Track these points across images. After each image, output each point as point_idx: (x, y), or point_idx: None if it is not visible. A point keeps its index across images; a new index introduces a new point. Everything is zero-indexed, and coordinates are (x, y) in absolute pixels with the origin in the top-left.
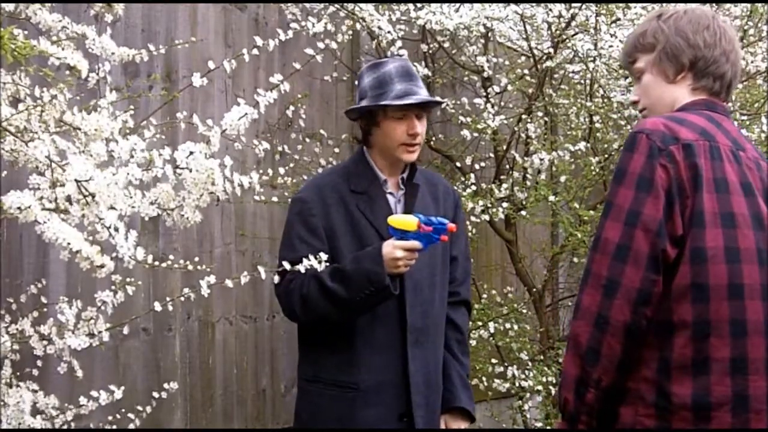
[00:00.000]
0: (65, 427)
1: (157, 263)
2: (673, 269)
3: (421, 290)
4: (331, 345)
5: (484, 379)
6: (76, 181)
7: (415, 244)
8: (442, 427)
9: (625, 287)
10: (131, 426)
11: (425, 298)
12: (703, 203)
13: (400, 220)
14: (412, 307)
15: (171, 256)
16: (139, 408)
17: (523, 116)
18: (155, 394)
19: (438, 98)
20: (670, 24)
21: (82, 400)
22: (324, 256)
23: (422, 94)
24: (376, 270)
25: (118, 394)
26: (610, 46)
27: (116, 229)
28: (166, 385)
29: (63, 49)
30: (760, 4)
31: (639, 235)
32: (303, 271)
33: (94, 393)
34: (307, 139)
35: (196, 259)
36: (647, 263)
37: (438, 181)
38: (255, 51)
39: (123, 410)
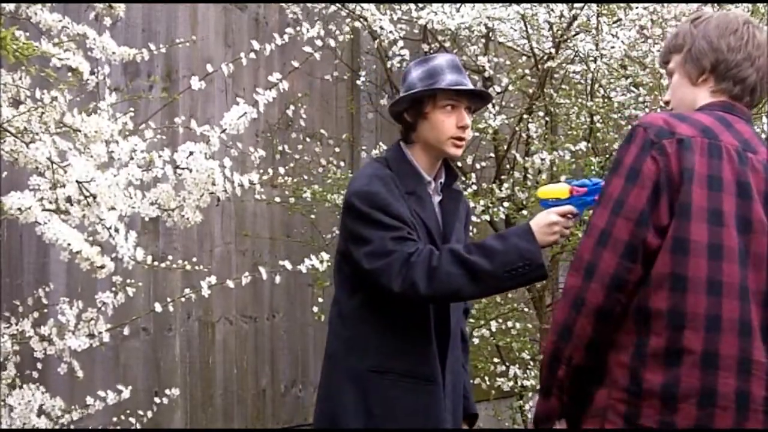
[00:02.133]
0: (67, 428)
1: (156, 264)
2: (654, 257)
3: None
4: (404, 335)
5: (486, 378)
6: (78, 182)
7: (570, 208)
8: None
9: (601, 271)
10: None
11: (455, 304)
12: (692, 196)
13: (549, 190)
14: (453, 314)
15: (171, 256)
16: (140, 412)
17: (524, 116)
18: (155, 398)
19: (490, 92)
20: (700, 28)
21: (89, 399)
22: None
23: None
24: (529, 247)
25: (126, 393)
26: (612, 47)
27: (116, 230)
28: (167, 391)
29: (65, 50)
30: (761, 4)
31: (620, 223)
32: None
33: (101, 393)
34: (308, 139)
35: (194, 259)
36: (624, 251)
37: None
38: (252, 55)
39: (122, 411)
